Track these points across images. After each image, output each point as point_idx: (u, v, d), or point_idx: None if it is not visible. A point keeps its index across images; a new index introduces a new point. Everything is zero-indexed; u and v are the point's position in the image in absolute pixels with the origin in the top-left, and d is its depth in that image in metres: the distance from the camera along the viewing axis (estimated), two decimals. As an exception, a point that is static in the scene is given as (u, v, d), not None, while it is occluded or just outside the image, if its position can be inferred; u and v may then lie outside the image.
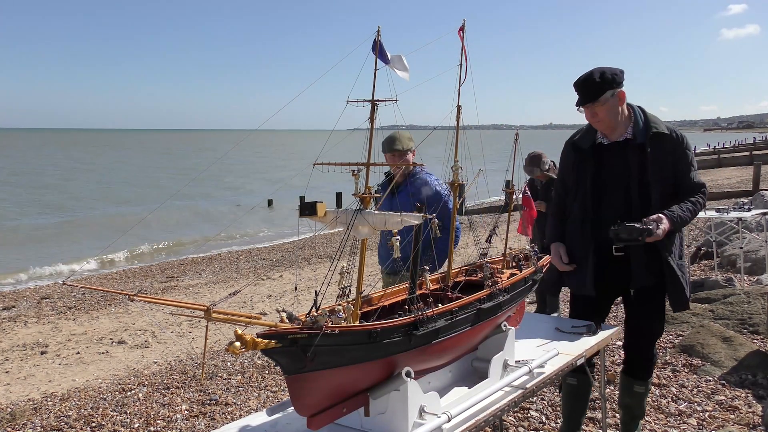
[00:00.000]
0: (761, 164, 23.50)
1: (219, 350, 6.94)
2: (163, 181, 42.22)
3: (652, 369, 3.68)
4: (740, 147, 63.44)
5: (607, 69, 3.34)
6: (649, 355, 3.58)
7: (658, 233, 3.18)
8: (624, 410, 3.80)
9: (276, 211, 26.69)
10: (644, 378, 3.64)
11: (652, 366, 3.65)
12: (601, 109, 3.33)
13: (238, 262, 14.74)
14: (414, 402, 2.07)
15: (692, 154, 3.48)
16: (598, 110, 3.34)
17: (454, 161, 2.47)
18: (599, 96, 3.30)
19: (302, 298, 9.11)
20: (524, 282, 2.77)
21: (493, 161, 4.00)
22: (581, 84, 3.35)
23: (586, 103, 3.34)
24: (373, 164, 1.97)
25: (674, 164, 3.38)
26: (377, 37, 2.02)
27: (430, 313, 2.07)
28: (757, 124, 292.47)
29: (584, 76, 3.36)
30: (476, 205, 20.08)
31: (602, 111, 3.33)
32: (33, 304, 10.81)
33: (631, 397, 3.68)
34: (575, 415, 3.71)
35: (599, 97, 3.30)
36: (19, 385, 6.50)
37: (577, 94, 3.39)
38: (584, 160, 3.50)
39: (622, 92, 3.36)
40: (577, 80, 3.38)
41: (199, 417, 5.05)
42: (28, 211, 26.74)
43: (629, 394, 3.68)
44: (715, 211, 8.61)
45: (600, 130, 3.48)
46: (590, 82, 3.31)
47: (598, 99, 3.30)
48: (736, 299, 6.39)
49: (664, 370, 5.12)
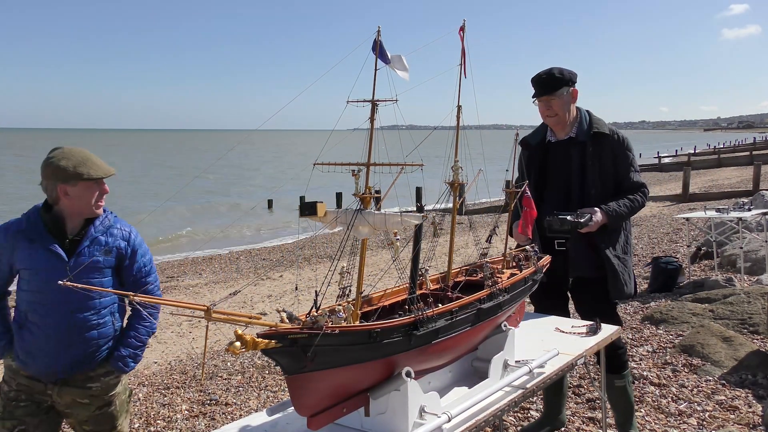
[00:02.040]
0: (761, 164, 23.53)
1: (219, 350, 6.94)
2: (163, 181, 42.23)
3: (624, 360, 3.77)
4: (740, 147, 63.49)
5: (564, 68, 3.61)
6: (613, 346, 3.61)
7: (591, 225, 3.42)
8: (613, 409, 3.85)
9: (276, 211, 26.71)
10: (619, 371, 3.72)
11: (622, 357, 3.74)
12: (556, 102, 3.57)
13: (238, 262, 14.74)
14: (414, 402, 2.07)
15: (633, 156, 3.72)
16: (554, 103, 3.58)
17: (454, 161, 2.47)
18: (557, 90, 3.55)
19: (302, 298, 9.11)
20: (524, 282, 2.77)
21: (493, 161, 4.01)
22: (541, 77, 3.59)
23: (544, 95, 3.58)
24: (374, 164, 1.97)
25: (614, 164, 3.62)
26: (377, 37, 2.02)
27: (430, 313, 2.07)
28: (757, 124, 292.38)
29: (544, 71, 3.60)
30: (476, 205, 20.09)
31: (557, 104, 3.58)
32: (33, 304, 10.80)
33: (613, 392, 3.75)
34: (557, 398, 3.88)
35: (556, 90, 3.55)
36: (19, 385, 6.50)
37: (534, 88, 3.63)
38: (532, 157, 3.75)
39: (575, 90, 3.63)
40: (537, 75, 3.62)
41: (200, 417, 5.05)
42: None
43: (611, 390, 3.75)
44: (716, 211, 8.61)
45: (551, 125, 3.72)
46: (550, 77, 3.56)
47: (555, 92, 3.55)
48: (736, 299, 6.39)
49: (665, 370, 5.12)
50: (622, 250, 3.65)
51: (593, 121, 3.66)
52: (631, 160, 3.67)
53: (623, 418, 3.82)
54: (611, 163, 3.61)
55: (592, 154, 3.58)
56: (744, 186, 23.11)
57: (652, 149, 69.25)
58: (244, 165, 59.21)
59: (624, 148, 3.64)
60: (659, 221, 15.70)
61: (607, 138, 3.61)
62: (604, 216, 3.48)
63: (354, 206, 2.00)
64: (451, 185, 2.50)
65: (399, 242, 2.03)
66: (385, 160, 1.97)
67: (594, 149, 3.59)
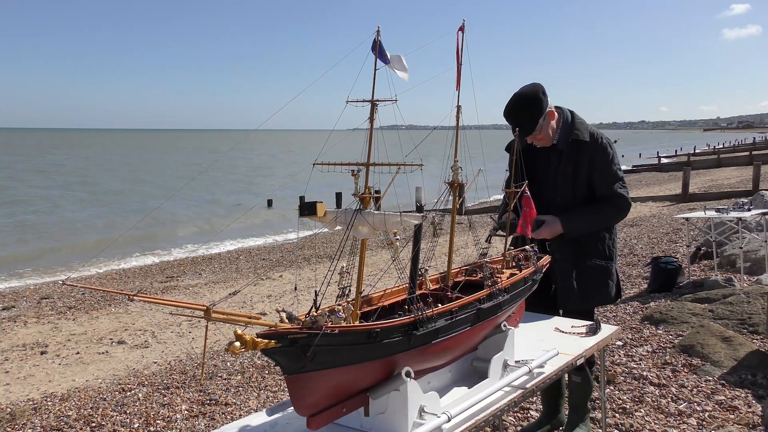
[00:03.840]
0: (761, 164, 23.54)
1: (219, 350, 6.94)
2: (163, 181, 42.22)
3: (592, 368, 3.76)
4: (740, 147, 63.56)
5: (529, 97, 3.50)
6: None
7: (541, 231, 3.47)
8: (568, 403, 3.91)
9: (276, 211, 26.71)
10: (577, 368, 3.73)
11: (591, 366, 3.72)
12: (539, 135, 3.59)
13: (237, 262, 14.74)
14: (414, 402, 2.07)
15: (615, 163, 3.64)
16: (537, 136, 3.60)
17: (454, 161, 2.47)
18: (535, 127, 3.53)
19: (302, 298, 9.10)
20: (524, 282, 2.77)
21: (493, 161, 4.02)
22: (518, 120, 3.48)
23: (528, 135, 3.58)
24: (373, 164, 1.97)
25: (590, 171, 3.59)
26: (377, 37, 2.02)
27: (430, 313, 2.07)
28: (757, 124, 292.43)
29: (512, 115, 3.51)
30: (476, 205, 20.11)
31: (540, 135, 3.60)
32: (33, 304, 10.81)
33: (571, 386, 3.79)
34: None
35: (535, 127, 3.53)
36: (18, 385, 6.50)
37: (511, 124, 3.55)
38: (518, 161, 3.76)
39: (550, 112, 3.59)
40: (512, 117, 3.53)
41: (199, 417, 5.04)
42: (26, 209, 26.76)
43: (570, 384, 3.79)
44: (715, 211, 8.61)
45: (541, 146, 3.71)
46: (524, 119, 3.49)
47: (535, 129, 3.54)
48: (736, 299, 6.39)
49: (664, 370, 5.12)
50: (601, 256, 3.65)
51: (574, 126, 3.63)
52: (610, 168, 3.61)
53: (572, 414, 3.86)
54: (587, 171, 3.58)
55: (567, 161, 3.58)
56: (744, 186, 23.12)
57: (651, 149, 69.28)
58: (244, 165, 59.20)
59: (602, 155, 3.58)
60: (659, 221, 15.70)
61: (587, 145, 3.57)
62: (561, 226, 3.50)
63: (354, 206, 2.00)
64: (451, 185, 2.50)
65: (399, 242, 2.03)
66: (385, 160, 1.97)
67: (570, 156, 3.58)
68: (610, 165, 3.61)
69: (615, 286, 3.71)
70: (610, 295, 3.70)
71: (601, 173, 3.59)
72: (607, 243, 3.69)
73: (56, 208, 27.82)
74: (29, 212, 26.15)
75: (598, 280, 3.63)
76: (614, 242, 3.75)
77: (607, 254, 3.68)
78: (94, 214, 25.75)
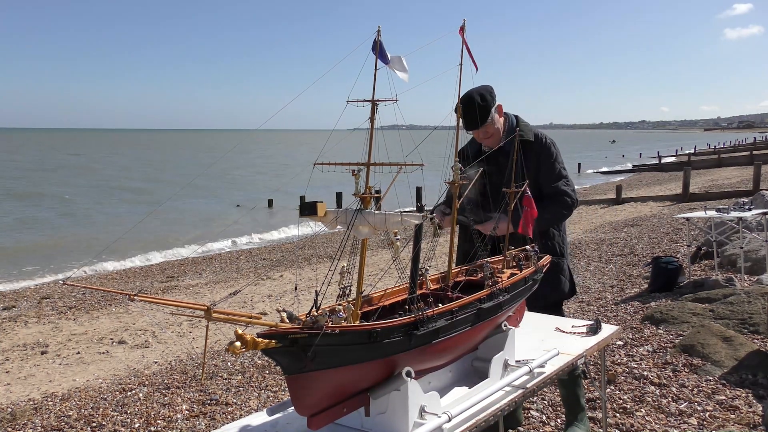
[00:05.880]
0: (761, 164, 23.51)
1: (219, 350, 6.94)
2: (163, 181, 42.22)
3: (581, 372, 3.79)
4: (740, 147, 63.55)
5: (481, 90, 3.65)
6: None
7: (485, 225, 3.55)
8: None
9: (276, 211, 26.71)
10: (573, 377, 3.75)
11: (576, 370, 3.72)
12: (491, 126, 3.67)
13: (238, 262, 14.74)
14: (414, 402, 2.07)
15: (558, 162, 3.74)
16: (489, 128, 3.67)
17: (454, 161, 2.47)
18: (488, 116, 3.62)
19: (302, 298, 9.11)
20: (524, 282, 2.77)
21: (493, 161, 3.99)
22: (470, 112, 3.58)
23: (480, 126, 3.64)
24: (373, 164, 1.97)
25: (536, 171, 3.66)
26: (377, 37, 2.02)
27: (431, 313, 2.07)
28: (758, 124, 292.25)
29: (468, 104, 3.59)
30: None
31: (491, 127, 3.68)
32: (33, 304, 10.81)
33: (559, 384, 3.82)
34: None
35: (488, 117, 3.62)
36: (19, 385, 6.51)
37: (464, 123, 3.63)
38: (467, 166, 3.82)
39: (499, 106, 3.73)
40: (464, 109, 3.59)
41: (200, 417, 5.05)
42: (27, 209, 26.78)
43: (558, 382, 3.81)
44: (716, 211, 8.60)
45: (491, 146, 3.78)
46: (478, 107, 3.60)
47: (488, 119, 3.62)
48: (737, 299, 6.39)
49: (665, 369, 5.12)
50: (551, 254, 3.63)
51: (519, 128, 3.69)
52: (554, 166, 3.70)
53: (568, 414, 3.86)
54: (533, 171, 3.63)
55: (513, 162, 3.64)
56: (744, 186, 23.10)
57: (652, 149, 69.28)
58: (245, 165, 59.20)
59: (547, 155, 3.69)
60: (659, 221, 15.70)
61: (531, 145, 3.67)
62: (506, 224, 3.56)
63: (354, 206, 2.00)
64: (451, 185, 2.50)
65: (399, 242, 2.03)
66: (385, 160, 1.97)
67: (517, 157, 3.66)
68: (554, 164, 3.71)
69: (568, 281, 3.82)
70: (564, 290, 3.81)
71: (546, 172, 3.69)
72: (556, 240, 3.79)
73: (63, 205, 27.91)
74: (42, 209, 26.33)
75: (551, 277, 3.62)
76: (564, 239, 3.84)
77: (557, 251, 3.76)
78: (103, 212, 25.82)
